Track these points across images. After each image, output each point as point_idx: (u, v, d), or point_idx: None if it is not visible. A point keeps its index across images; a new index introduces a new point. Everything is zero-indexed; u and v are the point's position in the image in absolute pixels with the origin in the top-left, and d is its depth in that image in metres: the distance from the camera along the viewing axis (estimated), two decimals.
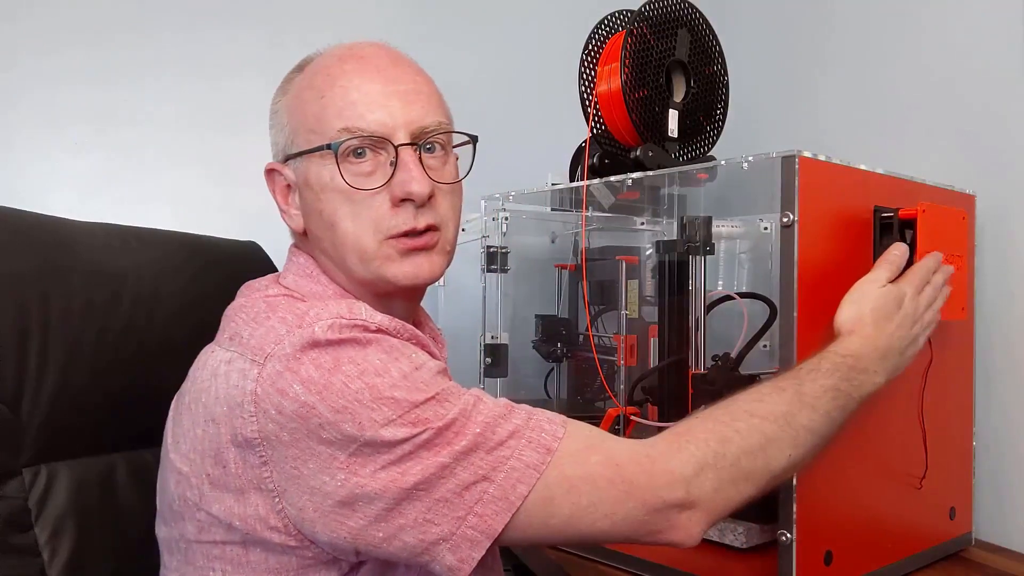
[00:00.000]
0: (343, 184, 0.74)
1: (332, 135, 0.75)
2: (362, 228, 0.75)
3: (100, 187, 1.43)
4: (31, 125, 1.40)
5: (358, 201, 0.75)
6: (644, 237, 1.42)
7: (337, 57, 0.79)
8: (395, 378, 0.65)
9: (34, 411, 0.80)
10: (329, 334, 0.66)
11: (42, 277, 0.83)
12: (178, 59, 1.49)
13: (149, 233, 0.99)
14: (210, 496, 0.69)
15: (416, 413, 0.64)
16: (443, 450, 0.64)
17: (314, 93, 0.77)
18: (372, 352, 0.67)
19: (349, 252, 0.76)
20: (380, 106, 0.75)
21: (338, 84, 0.76)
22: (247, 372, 0.67)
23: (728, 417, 0.72)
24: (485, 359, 1.26)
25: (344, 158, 0.75)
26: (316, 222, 0.78)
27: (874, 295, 0.83)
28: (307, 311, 0.69)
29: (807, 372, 0.77)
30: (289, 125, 0.79)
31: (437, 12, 1.72)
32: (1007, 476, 1.13)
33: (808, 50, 1.52)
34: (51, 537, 0.80)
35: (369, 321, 0.69)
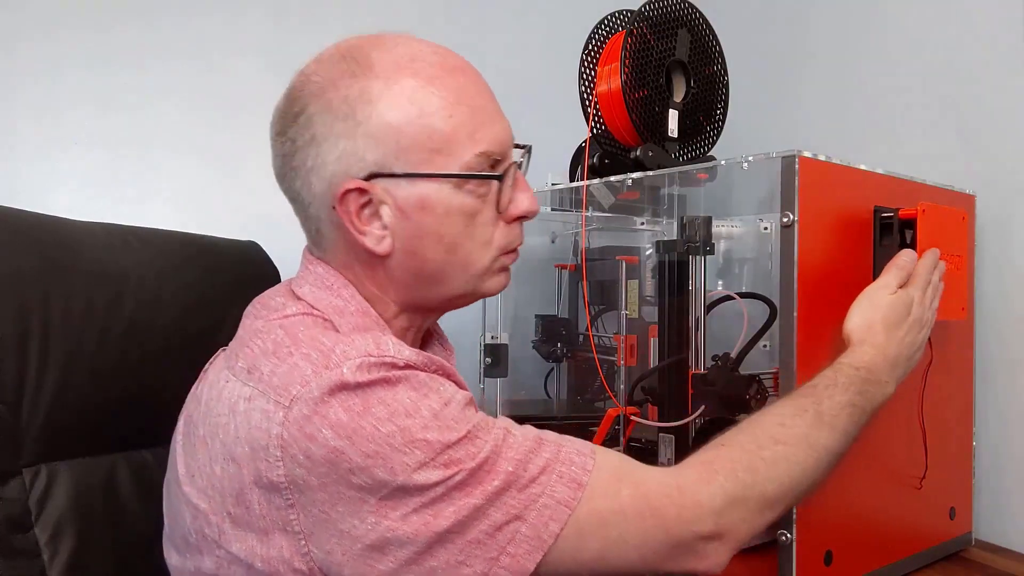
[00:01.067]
0: (472, 207, 0.72)
1: (467, 159, 0.71)
2: (483, 248, 0.75)
3: (99, 186, 1.43)
4: (30, 124, 1.40)
5: (480, 222, 0.74)
6: (644, 237, 1.42)
7: (440, 67, 0.73)
8: (426, 418, 0.63)
9: (34, 411, 0.80)
10: (358, 376, 0.63)
11: (43, 277, 0.83)
12: (180, 54, 1.49)
13: (150, 233, 0.99)
14: (231, 535, 0.67)
15: (449, 454, 0.62)
16: (475, 491, 0.63)
17: (434, 109, 0.71)
18: (402, 391, 0.64)
19: (461, 271, 0.75)
20: (500, 125, 0.75)
21: (463, 102, 0.72)
22: (271, 414, 0.64)
23: (754, 445, 0.71)
24: (485, 359, 1.26)
25: (478, 182, 0.73)
26: (430, 245, 0.73)
27: (885, 302, 0.84)
28: (333, 348, 0.66)
29: (825, 388, 0.77)
30: (394, 140, 0.70)
31: (436, 12, 1.72)
32: (1007, 476, 1.13)
33: (808, 50, 1.52)
34: (51, 538, 0.80)
35: (398, 357, 0.66)
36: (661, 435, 1.09)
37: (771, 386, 0.98)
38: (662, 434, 1.09)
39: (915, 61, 1.30)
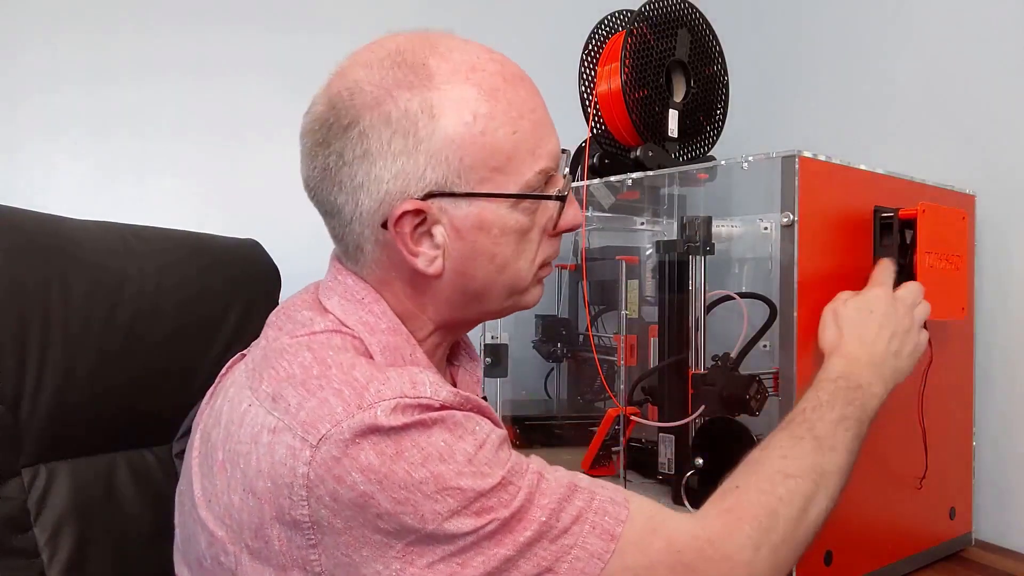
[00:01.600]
0: (525, 225, 0.70)
1: (528, 178, 0.68)
2: (528, 264, 0.72)
3: (99, 189, 1.43)
4: (31, 127, 1.40)
5: (529, 239, 0.72)
6: (644, 237, 1.42)
7: (502, 77, 0.69)
8: (460, 463, 0.60)
9: (33, 411, 0.80)
10: (392, 419, 0.60)
11: (42, 277, 0.83)
12: (179, 60, 1.49)
13: (150, 232, 0.99)
14: (248, 566, 0.64)
15: (482, 503, 0.60)
16: (506, 540, 0.60)
17: (498, 125, 0.67)
18: (436, 433, 0.61)
19: (505, 288, 0.73)
20: (555, 138, 0.72)
21: (526, 117, 0.69)
22: (297, 452, 0.60)
23: (769, 484, 0.70)
24: (485, 359, 1.26)
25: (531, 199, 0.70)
26: (483, 266, 0.70)
27: (844, 310, 0.83)
28: (367, 385, 0.62)
29: (813, 411, 0.75)
30: (457, 159, 0.66)
31: (436, 12, 1.72)
32: (1007, 476, 1.13)
33: (808, 50, 1.52)
34: (51, 538, 0.80)
35: (434, 399, 0.62)
36: (661, 435, 1.09)
37: (771, 386, 0.98)
38: (662, 434, 1.09)
39: (915, 61, 1.30)
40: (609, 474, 1.21)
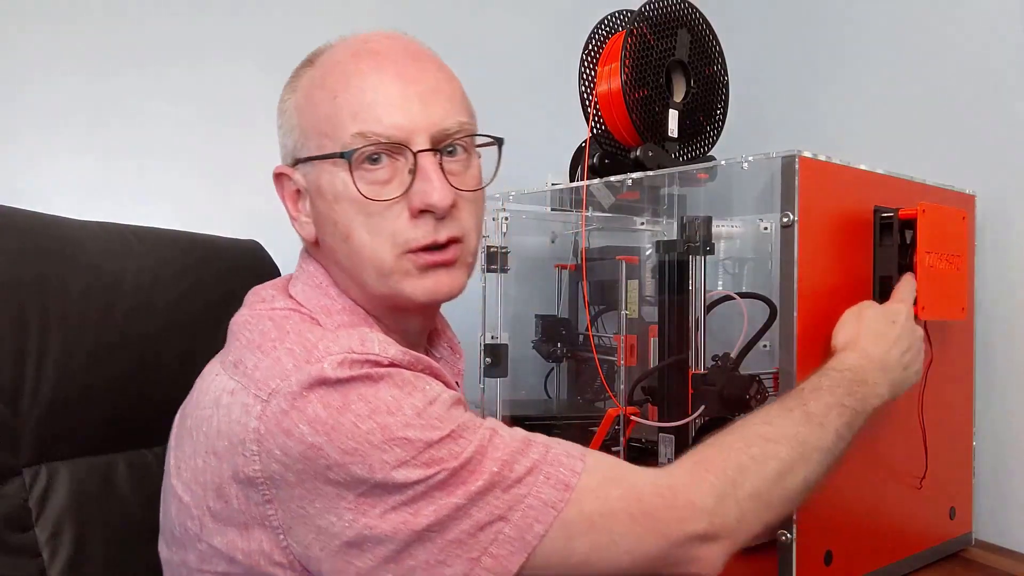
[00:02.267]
0: (357, 194, 0.69)
1: (346, 140, 0.69)
2: (379, 241, 0.70)
3: (99, 185, 1.43)
4: (29, 124, 1.40)
5: (374, 212, 0.70)
6: (644, 237, 1.42)
7: (351, 53, 0.73)
8: (408, 416, 0.62)
9: (33, 410, 0.80)
10: (339, 371, 0.62)
11: (40, 277, 0.83)
12: (179, 57, 1.49)
13: (149, 232, 0.99)
14: (212, 528, 0.66)
15: (430, 453, 0.61)
16: (457, 490, 0.61)
17: (326, 93, 0.71)
18: (384, 388, 0.63)
19: (366, 266, 0.71)
20: (398, 108, 0.70)
21: (352, 84, 0.70)
22: (250, 408, 0.63)
23: (742, 443, 0.71)
24: (485, 359, 1.26)
25: (359, 165, 0.69)
26: (330, 232, 0.72)
27: (868, 313, 0.85)
28: (316, 343, 0.65)
29: (811, 391, 0.77)
30: (299, 127, 0.73)
31: (436, 11, 1.72)
32: (1007, 476, 1.13)
33: (808, 50, 1.52)
34: (51, 537, 0.80)
35: (382, 355, 0.64)
36: (661, 435, 1.09)
37: (771, 386, 0.98)
38: (662, 434, 1.09)
39: (915, 61, 1.30)
40: None
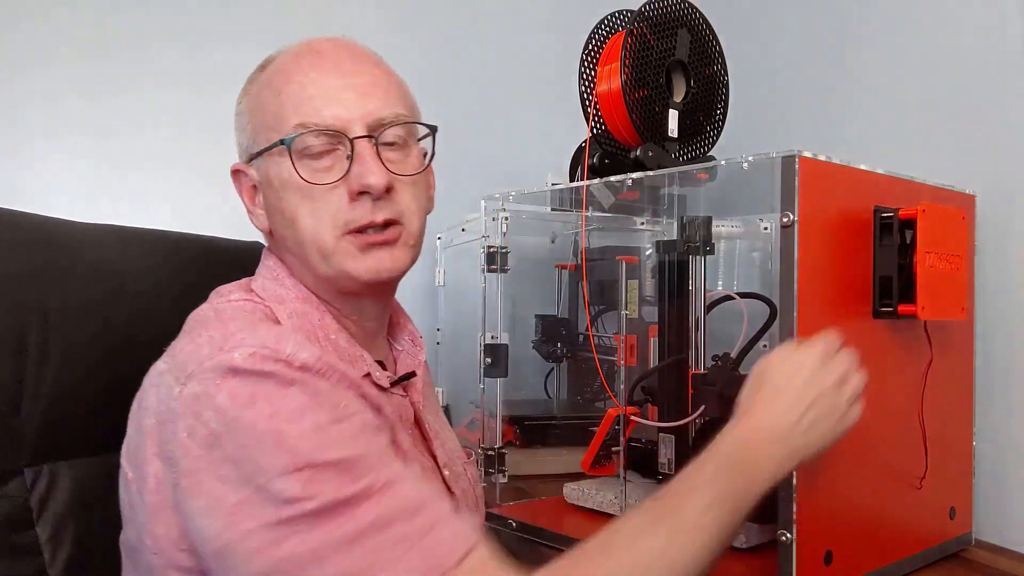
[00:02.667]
0: (300, 180, 0.73)
1: (288, 131, 0.74)
2: (321, 223, 0.74)
3: (97, 197, 1.43)
4: (29, 123, 1.40)
5: (316, 197, 0.74)
6: (644, 237, 1.42)
7: (294, 54, 0.78)
8: (305, 428, 0.62)
9: (34, 411, 0.80)
10: (248, 363, 0.63)
11: (40, 277, 0.83)
12: (178, 52, 1.49)
13: (149, 234, 0.99)
14: (139, 506, 0.69)
15: (311, 474, 0.60)
16: (322, 532, 0.59)
17: (272, 91, 0.77)
18: (293, 393, 0.63)
19: (310, 249, 0.75)
20: (335, 99, 0.74)
21: (294, 80, 0.75)
22: (171, 389, 0.66)
23: (612, 563, 0.64)
24: (485, 359, 1.26)
25: (301, 154, 0.74)
26: (278, 221, 0.77)
27: (773, 362, 0.76)
28: (235, 333, 0.67)
29: (687, 492, 0.68)
30: (251, 125, 0.79)
31: (437, 14, 1.72)
32: (1007, 476, 1.13)
33: (808, 50, 1.52)
34: (52, 536, 0.80)
35: (294, 358, 0.65)
36: (661, 435, 1.09)
37: None
38: (662, 434, 1.09)
39: (915, 61, 1.30)
40: (609, 474, 1.21)
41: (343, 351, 0.77)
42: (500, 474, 1.25)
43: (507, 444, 1.36)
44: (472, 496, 0.89)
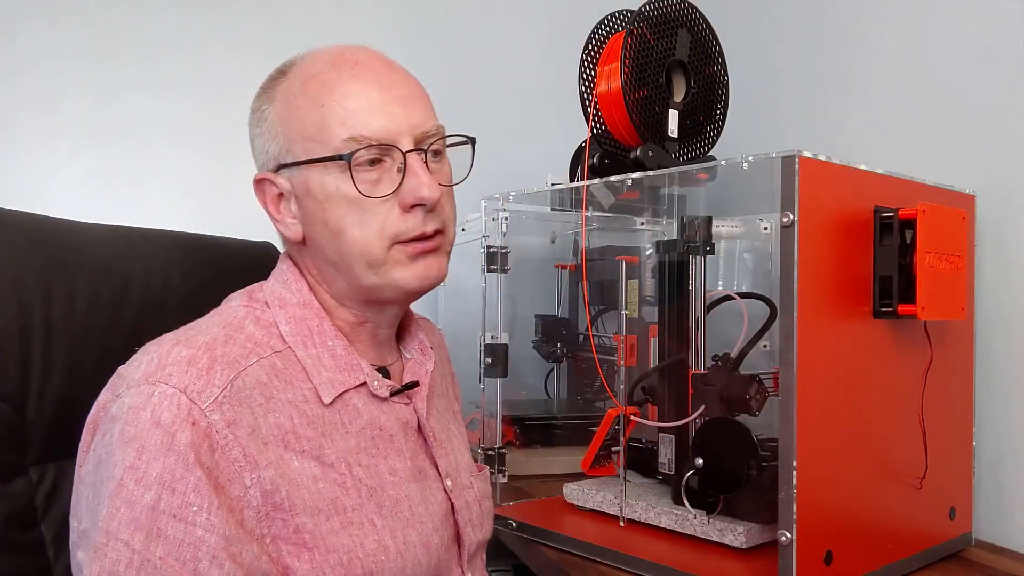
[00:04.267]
0: (352, 193, 0.74)
1: (337, 144, 0.74)
2: (370, 235, 0.75)
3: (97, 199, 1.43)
4: (30, 125, 1.40)
5: (366, 209, 0.74)
6: (644, 237, 1.42)
7: (329, 63, 0.77)
8: (138, 501, 0.63)
9: (40, 410, 0.80)
10: (156, 407, 0.65)
11: (45, 277, 0.83)
12: (180, 50, 1.49)
13: (158, 234, 0.99)
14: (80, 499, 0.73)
15: (105, 540, 0.63)
16: None
17: (309, 100, 0.76)
18: (167, 460, 0.64)
19: (356, 259, 0.76)
20: (383, 113, 0.75)
21: (337, 92, 0.75)
22: (106, 398, 0.71)
23: None
24: (485, 359, 1.26)
25: (356, 168, 0.74)
26: (320, 231, 0.77)
27: None
28: (171, 364, 0.68)
29: None
30: (283, 134, 0.77)
31: (437, 14, 1.72)
32: (1007, 476, 1.13)
33: (808, 50, 1.52)
34: (57, 535, 0.80)
35: (201, 416, 0.66)
36: (661, 435, 1.09)
37: (771, 386, 0.98)
38: (662, 434, 1.09)
39: (915, 61, 1.30)
40: (609, 474, 1.21)
41: (339, 358, 0.78)
42: (500, 474, 1.25)
43: (507, 444, 1.36)
44: (477, 510, 0.87)
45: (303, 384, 0.75)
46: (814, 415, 0.83)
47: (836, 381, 0.87)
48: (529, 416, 1.46)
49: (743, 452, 0.94)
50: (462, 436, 0.94)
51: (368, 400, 0.78)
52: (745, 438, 0.94)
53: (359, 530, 0.72)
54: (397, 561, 0.73)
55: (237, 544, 0.65)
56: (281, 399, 0.73)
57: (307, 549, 0.69)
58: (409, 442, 0.81)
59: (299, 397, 0.74)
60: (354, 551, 0.71)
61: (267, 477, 0.68)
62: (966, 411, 1.09)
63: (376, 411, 0.79)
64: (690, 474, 0.99)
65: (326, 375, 0.76)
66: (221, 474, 0.66)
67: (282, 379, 0.74)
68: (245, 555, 0.66)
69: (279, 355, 0.75)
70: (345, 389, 0.77)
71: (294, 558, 0.69)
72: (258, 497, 0.68)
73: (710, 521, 0.99)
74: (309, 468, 0.72)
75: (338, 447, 0.74)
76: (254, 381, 0.71)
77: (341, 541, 0.71)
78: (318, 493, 0.71)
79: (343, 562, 0.70)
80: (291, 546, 0.69)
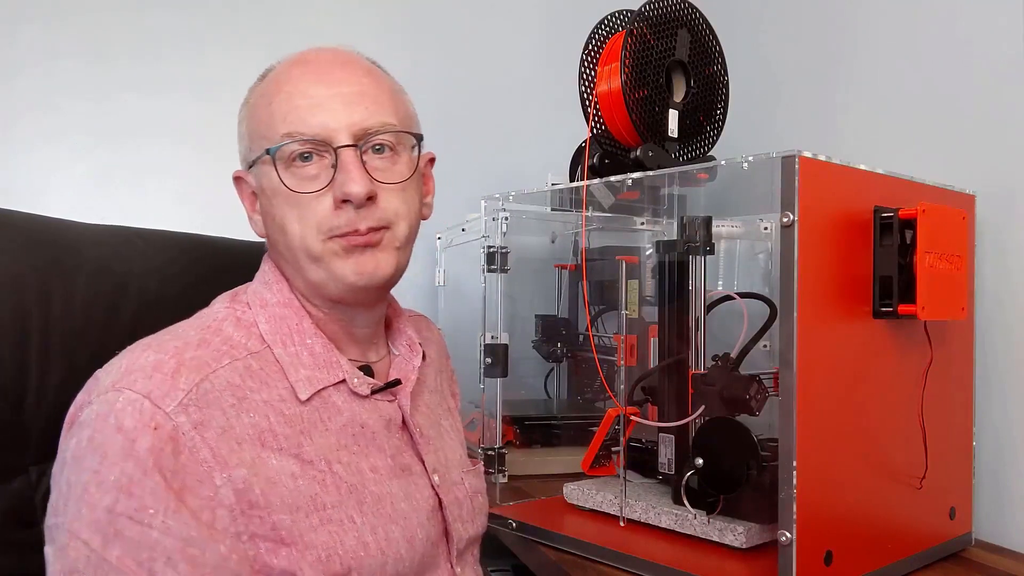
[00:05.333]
0: (285, 188, 0.76)
1: (276, 140, 0.76)
2: (308, 229, 0.76)
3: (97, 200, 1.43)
4: (31, 133, 1.40)
5: (304, 204, 0.76)
6: (644, 237, 1.42)
7: (288, 63, 0.80)
8: (97, 504, 0.65)
9: (38, 410, 0.80)
10: (120, 411, 0.66)
11: (43, 277, 0.83)
12: (183, 49, 1.49)
13: (154, 234, 0.99)
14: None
15: (67, 539, 0.65)
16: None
17: (265, 100, 0.78)
18: (125, 466, 0.65)
19: (300, 254, 0.77)
20: (322, 109, 0.76)
21: (284, 90, 0.77)
22: (80, 400, 0.71)
23: None
24: (485, 359, 1.26)
25: (289, 162, 0.76)
26: (271, 227, 0.79)
27: None
28: (134, 371, 0.69)
29: None
30: (247, 133, 0.81)
31: (437, 14, 1.72)
32: (1007, 476, 1.14)
33: (808, 50, 1.52)
34: None
35: (163, 421, 0.67)
36: (661, 435, 1.09)
37: (771, 386, 0.98)
38: (662, 434, 1.09)
39: (915, 61, 1.30)
40: (609, 474, 1.21)
41: (318, 356, 0.78)
42: (500, 474, 1.25)
43: (507, 444, 1.36)
44: (468, 506, 0.87)
45: (280, 383, 0.76)
46: (814, 415, 0.83)
47: (836, 381, 0.87)
48: (529, 416, 1.46)
49: (743, 452, 0.94)
50: (456, 432, 0.94)
51: (349, 398, 0.79)
52: (745, 438, 0.94)
53: (339, 527, 0.73)
54: (378, 557, 0.74)
55: (198, 546, 0.66)
56: (255, 399, 0.73)
57: (285, 545, 0.70)
58: (392, 439, 0.81)
59: (275, 396, 0.75)
60: (333, 548, 0.72)
61: (239, 476, 0.69)
62: (966, 411, 1.09)
63: (358, 408, 0.79)
64: (690, 474, 0.99)
65: (304, 373, 0.77)
66: (188, 476, 0.67)
67: (257, 380, 0.74)
68: (209, 556, 0.66)
69: (255, 356, 0.76)
70: (323, 387, 0.77)
71: (272, 555, 0.69)
72: (231, 496, 0.68)
73: (710, 521, 0.99)
74: (287, 465, 0.72)
75: (317, 444, 0.75)
76: (224, 383, 0.72)
77: (320, 538, 0.71)
78: (296, 490, 0.72)
79: (322, 559, 0.71)
80: (269, 543, 0.69)
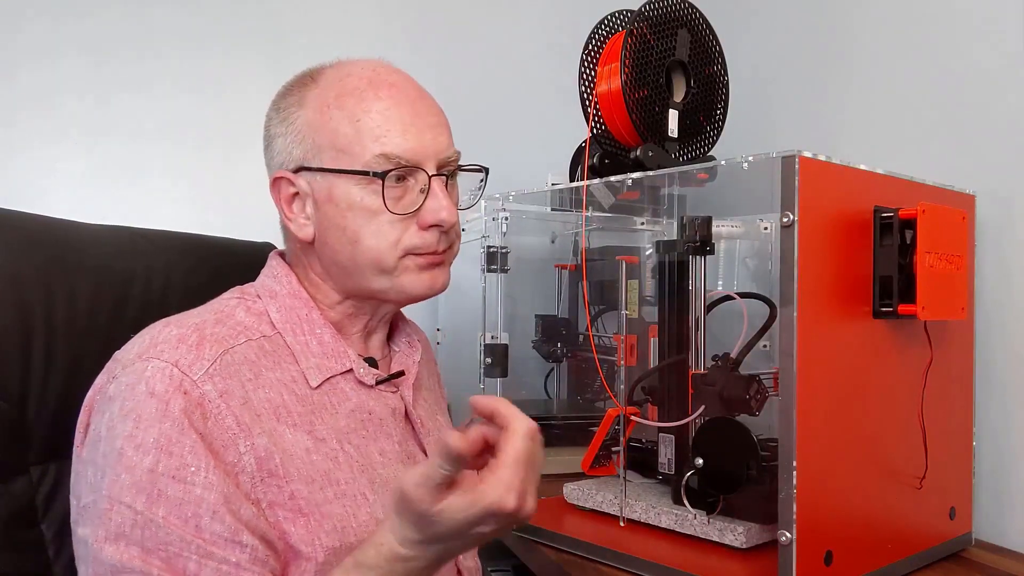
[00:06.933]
0: (375, 205, 0.78)
1: (368, 159, 0.78)
2: (385, 245, 0.79)
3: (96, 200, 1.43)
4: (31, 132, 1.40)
5: (385, 221, 0.79)
6: (644, 237, 1.42)
7: (367, 82, 0.81)
8: (137, 465, 0.66)
9: (41, 410, 0.81)
10: (149, 379, 0.69)
11: (46, 277, 0.83)
12: (183, 49, 1.50)
13: (158, 234, 1.00)
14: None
15: (109, 505, 0.66)
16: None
17: (345, 114, 0.79)
18: (163, 427, 0.67)
19: (368, 265, 0.80)
20: (414, 137, 0.80)
21: (374, 110, 0.79)
22: (103, 379, 0.73)
23: None
24: (485, 359, 1.26)
25: (379, 182, 0.78)
26: (335, 236, 0.80)
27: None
28: (163, 341, 0.72)
29: None
30: (311, 140, 0.81)
31: (437, 14, 1.72)
32: (1007, 476, 1.14)
33: (808, 50, 1.52)
34: (57, 533, 0.81)
35: (192, 388, 0.69)
36: (661, 435, 1.09)
37: (771, 386, 0.98)
38: (662, 434, 1.09)
39: (915, 61, 1.30)
40: (609, 474, 1.21)
41: (326, 345, 0.82)
42: None
43: None
44: None
45: (291, 367, 0.79)
46: (814, 415, 0.83)
47: (836, 381, 0.87)
48: (529, 416, 1.45)
49: (743, 452, 0.94)
50: (449, 428, 0.95)
51: (356, 387, 0.82)
52: (745, 438, 0.94)
53: (352, 502, 0.75)
54: None
55: (235, 502, 0.68)
56: (270, 377, 0.76)
57: (302, 515, 0.72)
58: (398, 427, 0.84)
59: (287, 377, 0.78)
60: (347, 520, 0.74)
61: (261, 444, 0.71)
62: (966, 411, 1.09)
63: (364, 397, 0.82)
64: (690, 474, 0.99)
65: (313, 360, 0.80)
66: (215, 441, 0.69)
67: (271, 359, 0.78)
68: (244, 512, 0.69)
69: (268, 339, 0.79)
70: (332, 375, 0.80)
71: (290, 523, 0.71)
72: (252, 463, 0.71)
73: (710, 521, 0.99)
74: (302, 440, 0.75)
75: (328, 425, 0.78)
76: (242, 358, 0.75)
77: (335, 510, 0.74)
78: (311, 464, 0.74)
79: (337, 528, 0.73)
80: (287, 512, 0.71)
